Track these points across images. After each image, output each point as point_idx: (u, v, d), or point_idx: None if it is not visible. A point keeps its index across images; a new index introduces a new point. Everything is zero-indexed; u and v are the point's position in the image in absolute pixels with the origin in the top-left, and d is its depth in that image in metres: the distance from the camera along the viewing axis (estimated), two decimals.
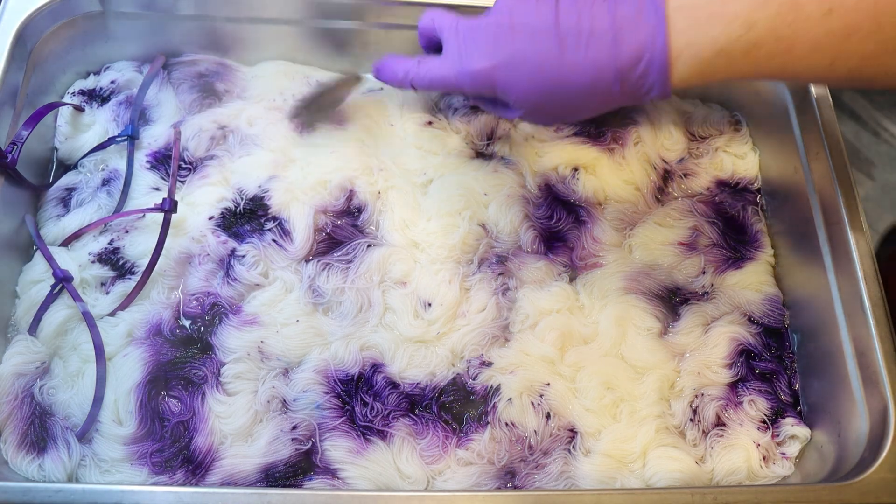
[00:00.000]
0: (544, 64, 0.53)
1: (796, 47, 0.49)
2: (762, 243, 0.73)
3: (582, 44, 0.52)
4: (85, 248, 0.67)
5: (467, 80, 0.57)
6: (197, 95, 0.75)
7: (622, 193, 0.74)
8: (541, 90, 0.55)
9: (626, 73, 0.52)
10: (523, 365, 0.64)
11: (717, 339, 0.67)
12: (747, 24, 0.49)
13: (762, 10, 0.49)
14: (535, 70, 0.54)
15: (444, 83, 0.60)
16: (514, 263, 0.69)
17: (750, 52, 0.50)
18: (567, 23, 0.53)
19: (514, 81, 0.55)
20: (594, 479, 0.61)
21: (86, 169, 0.72)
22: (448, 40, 0.59)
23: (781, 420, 0.65)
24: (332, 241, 0.69)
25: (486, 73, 0.56)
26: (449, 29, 0.59)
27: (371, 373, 0.63)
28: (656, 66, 0.52)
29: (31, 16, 0.69)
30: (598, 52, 0.52)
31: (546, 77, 0.54)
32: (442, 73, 0.59)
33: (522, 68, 0.54)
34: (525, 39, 0.54)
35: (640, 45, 0.51)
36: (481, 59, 0.55)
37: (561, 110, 0.57)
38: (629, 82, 0.53)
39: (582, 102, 0.55)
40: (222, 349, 0.63)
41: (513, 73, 0.55)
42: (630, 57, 0.52)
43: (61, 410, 0.61)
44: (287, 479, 0.59)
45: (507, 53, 0.54)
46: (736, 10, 0.50)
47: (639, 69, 0.52)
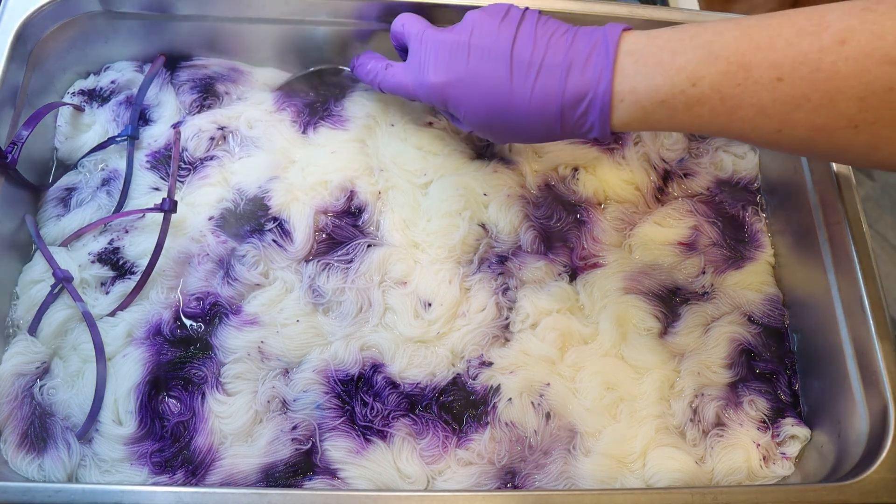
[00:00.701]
0: (494, 89, 0.55)
1: (742, 109, 0.48)
2: (762, 243, 0.73)
3: (532, 75, 0.53)
4: (85, 248, 0.67)
5: (422, 91, 0.59)
6: (198, 96, 0.75)
7: (622, 193, 0.74)
8: (487, 112, 0.56)
9: (568, 109, 0.53)
10: (523, 365, 0.64)
11: (717, 339, 0.67)
12: (692, 80, 0.49)
13: (709, 68, 0.48)
14: (484, 92, 0.55)
15: (404, 90, 0.62)
16: (514, 263, 0.69)
17: (692, 108, 0.49)
18: (522, 52, 0.54)
19: (464, 100, 0.57)
20: (594, 479, 0.61)
21: (86, 169, 0.72)
22: (413, 49, 0.61)
23: (781, 420, 0.65)
24: (332, 242, 0.69)
25: (439, 88, 0.58)
26: (415, 37, 0.61)
27: (371, 373, 0.63)
28: (597, 107, 0.52)
29: (31, 16, 0.68)
30: (545, 85, 0.53)
31: (493, 101, 0.55)
32: (403, 81, 0.62)
33: (473, 89, 0.56)
34: (479, 62, 0.55)
35: (585, 84, 0.52)
36: (436, 73, 0.57)
37: (506, 132, 0.58)
38: (570, 119, 0.53)
39: (526, 129, 0.56)
40: (222, 349, 0.63)
41: (463, 92, 0.56)
42: (574, 95, 0.52)
43: (61, 410, 0.61)
44: (287, 479, 0.59)
45: (460, 72, 0.56)
46: (683, 63, 0.49)
47: (580, 108, 0.53)
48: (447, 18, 0.69)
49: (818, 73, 0.45)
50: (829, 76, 0.45)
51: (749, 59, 0.47)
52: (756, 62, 0.47)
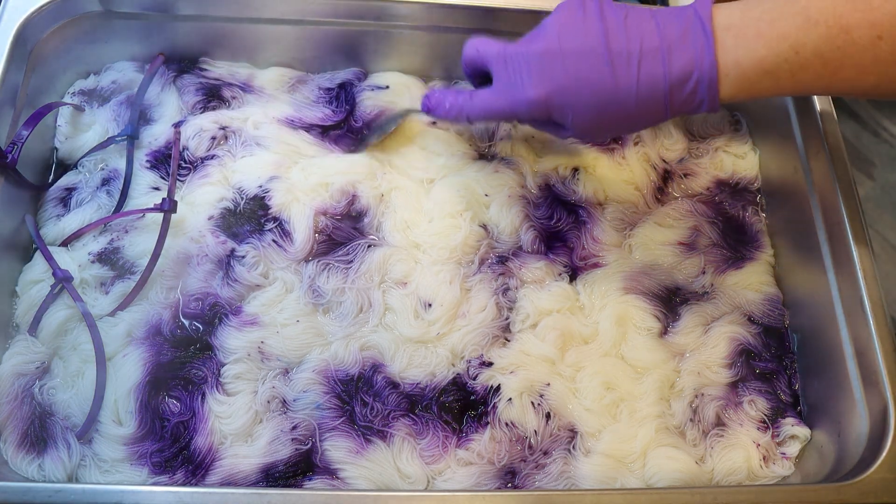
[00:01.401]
0: (598, 87, 0.54)
1: (843, 70, 0.50)
2: (762, 243, 0.73)
3: (633, 63, 0.53)
4: (85, 248, 0.67)
5: (523, 108, 0.57)
6: (201, 98, 0.75)
7: (622, 193, 0.74)
8: (596, 112, 0.55)
9: (676, 89, 0.53)
10: (523, 365, 0.64)
11: (717, 339, 0.67)
12: (794, 48, 0.50)
13: (810, 33, 0.49)
14: (590, 94, 0.54)
15: (499, 113, 0.60)
16: (514, 263, 0.69)
17: (796, 74, 0.51)
18: (617, 44, 0.53)
19: (570, 106, 0.55)
20: (594, 479, 0.61)
21: (85, 169, 0.72)
22: (497, 71, 0.58)
23: (781, 420, 0.65)
24: (332, 242, 0.69)
25: (542, 101, 0.56)
26: (496, 58, 0.58)
27: (371, 373, 0.63)
28: (705, 83, 0.52)
29: (31, 16, 0.69)
30: (649, 70, 0.53)
31: (601, 99, 0.54)
32: (497, 105, 0.59)
33: (577, 93, 0.55)
34: (577, 64, 0.54)
35: (689, 62, 0.52)
36: (535, 87, 0.56)
37: (614, 128, 0.58)
38: (680, 99, 0.54)
39: (635, 119, 0.56)
40: (222, 350, 0.63)
41: (568, 99, 0.55)
42: (681, 74, 0.52)
43: (61, 410, 0.61)
44: (287, 479, 0.59)
45: (561, 80, 0.55)
46: (783, 30, 0.50)
47: (689, 86, 0.53)
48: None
49: None
50: None
51: (847, 20, 0.48)
52: (855, 23, 0.48)
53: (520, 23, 0.72)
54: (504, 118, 0.61)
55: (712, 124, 0.78)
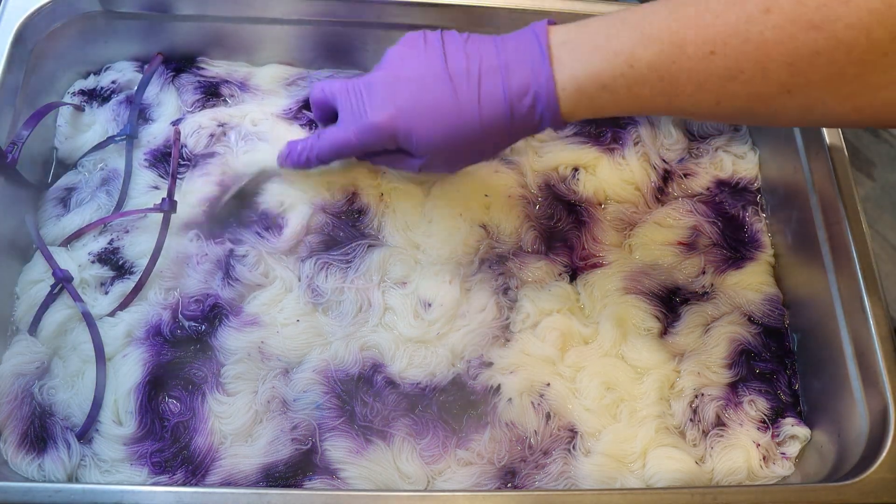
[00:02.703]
0: (440, 105, 0.55)
1: (680, 86, 0.49)
2: (762, 243, 0.73)
3: (473, 81, 0.54)
4: (85, 248, 0.67)
5: (368, 135, 0.58)
6: (200, 97, 0.75)
7: (622, 193, 0.74)
8: (441, 132, 0.56)
9: (516, 105, 0.53)
10: (523, 365, 0.64)
11: (717, 339, 0.67)
12: (629, 62, 0.50)
13: (646, 48, 0.49)
14: (433, 113, 0.55)
15: (345, 145, 0.60)
16: (514, 263, 0.69)
17: (633, 89, 0.51)
18: (456, 65, 0.54)
19: (415, 127, 0.56)
20: (594, 479, 0.61)
21: (85, 169, 0.72)
22: (342, 103, 0.59)
23: (781, 420, 0.65)
24: (331, 241, 0.69)
25: (386, 124, 0.56)
26: (341, 92, 0.59)
27: (371, 373, 0.63)
28: (543, 97, 0.53)
29: (31, 16, 0.68)
30: (489, 87, 0.53)
31: (444, 118, 0.55)
32: (343, 136, 0.59)
33: (420, 114, 0.55)
34: (419, 86, 0.55)
35: (526, 77, 0.53)
36: (379, 111, 0.56)
37: (462, 151, 0.57)
38: (520, 115, 0.54)
39: (481, 139, 0.56)
40: (222, 350, 0.63)
41: (412, 120, 0.56)
42: (519, 89, 0.53)
43: (61, 410, 0.61)
44: (287, 479, 0.59)
45: (403, 102, 0.55)
46: (618, 46, 0.50)
47: (527, 101, 0.53)
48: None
49: (748, 44, 0.46)
50: (758, 45, 0.46)
51: (681, 36, 0.48)
52: (688, 39, 0.48)
53: (517, 23, 0.72)
54: (353, 151, 0.61)
55: (712, 124, 0.78)
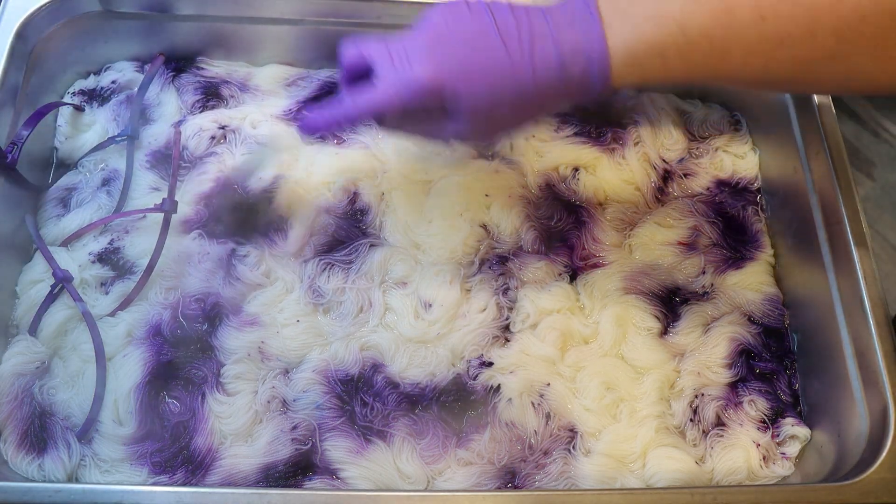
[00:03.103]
0: (494, 64, 0.52)
1: (731, 51, 0.50)
2: (762, 243, 0.73)
3: (525, 43, 0.52)
4: (85, 248, 0.67)
5: (412, 91, 0.52)
6: (200, 97, 0.75)
7: (622, 193, 0.74)
8: (491, 92, 0.52)
9: (569, 67, 0.52)
10: (523, 365, 0.64)
11: (717, 339, 0.67)
12: (681, 27, 0.49)
13: (695, 13, 0.49)
14: (485, 71, 0.52)
15: (384, 104, 0.54)
16: (514, 264, 0.69)
17: (685, 55, 0.50)
18: (506, 27, 0.52)
19: (463, 87, 0.52)
20: (594, 479, 0.61)
21: (85, 169, 0.72)
22: (381, 62, 0.54)
23: (781, 420, 0.65)
24: (334, 241, 0.69)
25: (431, 80, 0.52)
26: (378, 49, 0.54)
27: (371, 373, 0.63)
28: (596, 62, 0.51)
29: (31, 15, 0.69)
30: (542, 48, 0.51)
31: (497, 77, 0.52)
32: (382, 95, 0.53)
33: (471, 71, 0.52)
34: (468, 45, 0.52)
35: (578, 42, 0.51)
36: (424, 66, 0.52)
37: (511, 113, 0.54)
38: (574, 78, 0.52)
39: (532, 102, 0.53)
40: (222, 350, 0.63)
41: (461, 76, 0.52)
42: (572, 51, 0.51)
43: (61, 410, 0.61)
44: (287, 479, 0.59)
45: (452, 60, 0.52)
46: (669, 10, 0.50)
47: (580, 63, 0.51)
48: None
49: (798, 8, 0.47)
50: (808, 10, 0.47)
51: (732, 1, 0.48)
52: (739, 3, 0.48)
53: None
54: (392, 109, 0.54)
55: (712, 124, 0.78)
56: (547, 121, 0.76)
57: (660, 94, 0.79)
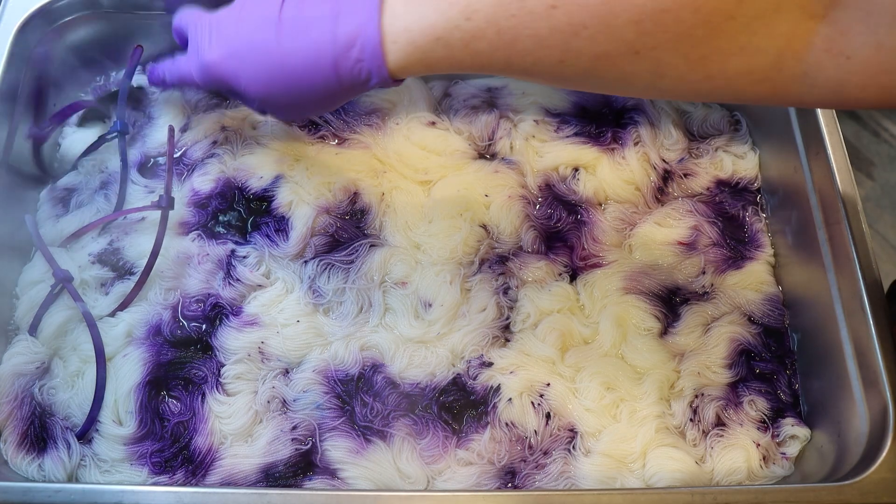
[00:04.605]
0: (264, 51, 0.53)
1: (520, 41, 0.47)
2: (762, 243, 0.73)
3: (301, 29, 0.52)
4: (84, 249, 0.67)
5: (201, 73, 0.58)
6: (203, 96, 0.75)
7: (622, 193, 0.74)
8: (264, 79, 0.54)
9: (341, 57, 0.51)
10: (523, 365, 0.64)
11: (717, 339, 0.67)
12: (465, 14, 0.47)
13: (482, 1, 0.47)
14: (257, 57, 0.54)
15: (188, 79, 0.60)
16: (514, 263, 0.69)
17: (470, 44, 0.48)
18: (289, 11, 0.53)
19: (240, 71, 0.55)
20: (594, 479, 0.61)
21: (85, 170, 0.72)
22: (191, 36, 0.59)
23: (781, 420, 0.65)
24: (334, 242, 0.69)
25: (215, 65, 0.56)
26: (192, 24, 0.59)
27: (371, 373, 0.63)
28: (370, 50, 0.50)
29: (31, 15, 0.69)
30: (316, 36, 0.51)
31: (266, 65, 0.54)
32: (186, 69, 0.60)
33: (246, 58, 0.54)
34: (248, 29, 0.54)
35: (355, 27, 0.50)
36: (210, 50, 0.56)
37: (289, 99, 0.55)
38: (346, 68, 0.51)
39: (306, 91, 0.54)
40: (222, 350, 0.63)
41: (237, 64, 0.55)
42: (346, 39, 0.50)
43: (61, 410, 0.61)
44: (287, 479, 0.59)
45: (233, 44, 0.55)
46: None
47: (353, 53, 0.50)
48: None
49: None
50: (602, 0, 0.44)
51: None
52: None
53: None
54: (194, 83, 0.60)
55: (712, 124, 0.78)
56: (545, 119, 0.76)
57: None
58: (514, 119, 0.76)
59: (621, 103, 0.78)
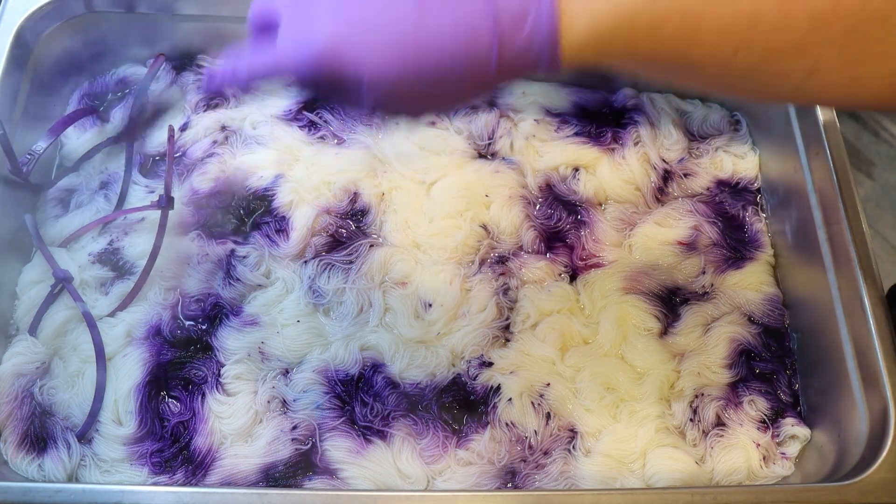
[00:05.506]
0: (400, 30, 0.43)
1: (703, 29, 0.44)
2: (762, 243, 0.73)
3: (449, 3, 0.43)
4: (84, 249, 0.67)
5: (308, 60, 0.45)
6: (204, 96, 0.75)
7: (622, 193, 0.74)
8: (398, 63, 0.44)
9: (506, 35, 0.42)
10: (523, 365, 0.64)
11: (717, 339, 0.67)
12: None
13: None
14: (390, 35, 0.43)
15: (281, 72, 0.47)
16: (514, 263, 0.69)
17: (654, 30, 0.43)
18: None
19: (365, 52, 0.44)
20: (594, 479, 0.61)
21: (85, 171, 0.72)
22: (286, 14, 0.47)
23: (781, 420, 0.65)
24: (335, 242, 0.69)
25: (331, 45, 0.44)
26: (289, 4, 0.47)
27: (371, 373, 0.63)
28: (544, 31, 0.42)
29: (31, 16, 0.69)
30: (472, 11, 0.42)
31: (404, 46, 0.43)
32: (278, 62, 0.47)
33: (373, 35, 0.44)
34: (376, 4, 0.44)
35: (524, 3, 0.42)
36: (324, 28, 0.44)
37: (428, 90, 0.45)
38: (512, 48, 0.43)
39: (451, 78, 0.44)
40: (223, 350, 0.63)
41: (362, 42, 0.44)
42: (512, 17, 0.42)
43: (61, 410, 0.61)
44: (287, 479, 0.59)
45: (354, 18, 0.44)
46: None
47: (524, 30, 0.42)
48: None
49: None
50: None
51: None
52: None
53: None
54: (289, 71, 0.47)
55: (712, 124, 0.78)
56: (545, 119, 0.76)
57: (659, 94, 0.79)
58: (515, 119, 0.77)
59: (621, 103, 0.78)
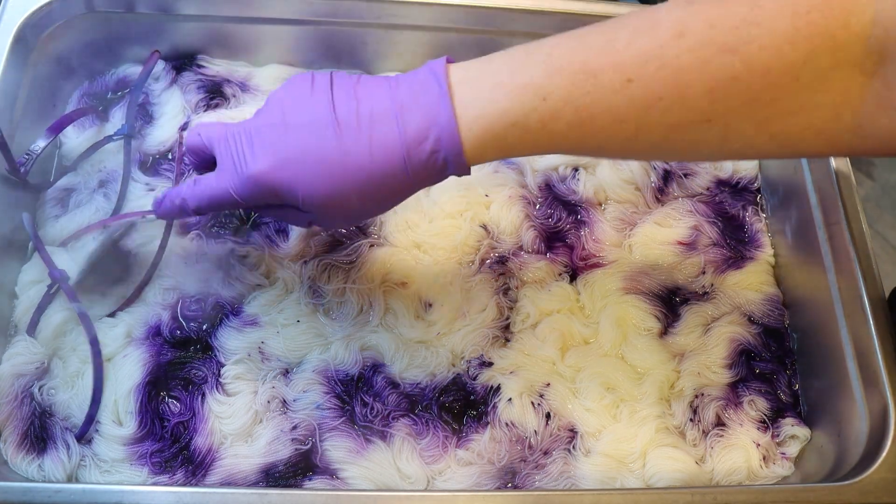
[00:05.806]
0: (325, 154, 0.49)
1: (596, 118, 0.46)
2: (762, 243, 0.73)
3: (363, 128, 0.48)
4: (84, 248, 0.67)
5: (247, 187, 0.51)
6: (204, 96, 0.75)
7: (622, 193, 0.74)
8: (327, 185, 0.49)
9: (414, 150, 0.48)
10: (523, 365, 0.64)
11: (717, 339, 0.67)
12: (541, 95, 0.46)
13: (555, 79, 0.46)
14: (318, 162, 0.49)
15: (224, 197, 0.53)
16: (514, 263, 0.69)
17: (547, 125, 0.46)
18: (344, 111, 0.49)
19: (297, 179, 0.50)
20: (594, 479, 0.61)
21: (83, 170, 0.72)
22: (220, 151, 0.53)
23: (781, 420, 0.65)
24: (334, 241, 0.69)
25: (266, 176, 0.50)
26: (219, 139, 0.53)
27: (371, 373, 0.63)
28: (446, 140, 0.47)
29: (31, 15, 0.68)
30: (381, 133, 0.48)
31: (329, 169, 0.49)
32: (221, 186, 0.53)
33: (303, 163, 0.49)
34: (301, 134, 0.49)
35: (424, 119, 0.47)
36: (258, 160, 0.50)
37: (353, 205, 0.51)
38: (419, 161, 0.48)
39: (373, 192, 0.50)
40: (222, 350, 0.63)
41: (294, 171, 0.49)
42: (416, 133, 0.48)
43: (61, 411, 0.61)
44: (287, 479, 0.59)
45: (285, 151, 0.49)
46: (526, 79, 0.46)
47: (427, 145, 0.48)
48: None
49: (665, 70, 0.44)
50: (676, 71, 0.44)
51: (592, 65, 0.45)
52: (600, 67, 0.45)
53: (519, 22, 0.72)
54: (231, 203, 0.53)
55: None
56: None
57: None
58: None
59: None
